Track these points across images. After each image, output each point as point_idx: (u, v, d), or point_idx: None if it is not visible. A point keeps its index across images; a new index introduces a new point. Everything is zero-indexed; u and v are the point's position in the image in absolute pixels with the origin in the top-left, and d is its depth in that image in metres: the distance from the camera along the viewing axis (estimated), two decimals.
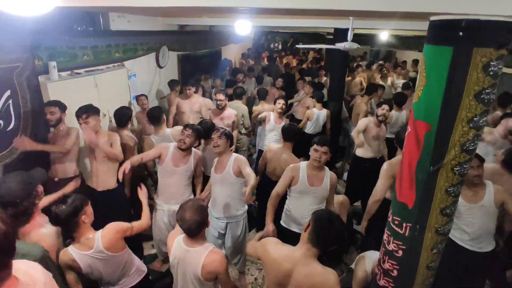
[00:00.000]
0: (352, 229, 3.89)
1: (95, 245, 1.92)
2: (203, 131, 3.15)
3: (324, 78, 6.70)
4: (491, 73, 1.34)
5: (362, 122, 3.94)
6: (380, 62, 8.48)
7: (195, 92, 4.92)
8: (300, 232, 2.55)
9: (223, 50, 8.44)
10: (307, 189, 2.67)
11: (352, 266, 2.52)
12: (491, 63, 1.33)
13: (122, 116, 3.42)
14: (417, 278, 1.77)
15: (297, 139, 3.36)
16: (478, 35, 1.31)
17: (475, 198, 2.43)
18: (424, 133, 1.51)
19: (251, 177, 2.49)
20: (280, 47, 10.79)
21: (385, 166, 2.88)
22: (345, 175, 5.29)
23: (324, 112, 4.92)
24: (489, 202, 2.41)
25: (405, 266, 1.77)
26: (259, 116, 4.36)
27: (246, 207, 3.03)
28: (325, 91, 5.74)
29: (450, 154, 1.48)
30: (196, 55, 6.63)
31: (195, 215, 1.88)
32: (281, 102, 4.16)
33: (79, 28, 3.90)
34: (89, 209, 1.98)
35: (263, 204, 3.37)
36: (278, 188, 2.68)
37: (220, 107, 4.25)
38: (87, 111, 2.91)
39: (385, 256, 1.86)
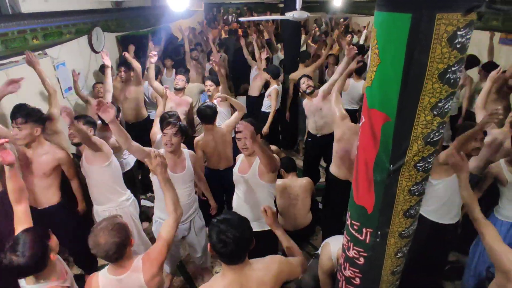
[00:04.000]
0: (318, 209, 3.73)
1: None
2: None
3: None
4: (457, 45, 1.05)
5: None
6: (322, 28, 8.21)
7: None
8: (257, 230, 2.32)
9: (172, 27, 7.70)
10: (238, 178, 2.41)
11: (319, 251, 2.40)
12: (458, 32, 1.03)
13: None
14: (381, 286, 1.56)
15: (213, 121, 3.04)
16: None
17: (448, 171, 2.26)
18: (380, 125, 1.22)
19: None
20: (235, 19, 10.12)
21: None
22: None
23: (280, 88, 4.58)
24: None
25: (368, 274, 1.54)
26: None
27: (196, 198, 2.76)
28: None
29: (413, 149, 1.21)
30: (139, 35, 5.92)
31: (112, 237, 1.53)
32: (207, 83, 3.78)
33: None
34: (53, 240, 1.63)
35: (215, 194, 3.06)
36: None
37: (177, 87, 3.79)
38: (27, 117, 2.32)
39: (346, 263, 1.63)
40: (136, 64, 4.01)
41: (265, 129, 4.25)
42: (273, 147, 4.03)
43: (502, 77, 3.19)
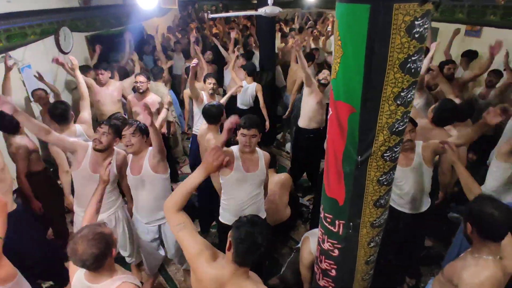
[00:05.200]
0: (299, 203, 3.76)
1: None
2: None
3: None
4: (416, 35, 1.06)
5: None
6: (310, 23, 8.23)
7: (111, 77, 4.22)
8: None
9: (146, 26, 7.50)
10: (244, 176, 2.37)
11: (299, 245, 2.42)
12: (416, 22, 1.04)
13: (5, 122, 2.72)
14: (356, 276, 1.58)
15: (219, 120, 2.97)
16: None
17: (406, 162, 2.30)
18: (346, 116, 1.22)
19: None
20: (209, 16, 9.93)
21: None
22: (288, 146, 5.10)
23: (253, 86, 4.55)
24: (419, 163, 2.32)
25: (343, 265, 1.56)
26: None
27: None
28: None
29: (379, 140, 1.22)
30: (110, 34, 5.74)
31: (90, 247, 1.46)
32: (211, 81, 3.69)
33: None
34: None
35: (202, 194, 3.03)
36: None
37: (140, 91, 3.66)
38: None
39: (321, 256, 1.64)
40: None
41: (267, 124, 4.23)
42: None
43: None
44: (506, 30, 3.87)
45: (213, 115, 2.85)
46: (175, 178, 4.16)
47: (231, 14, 5.62)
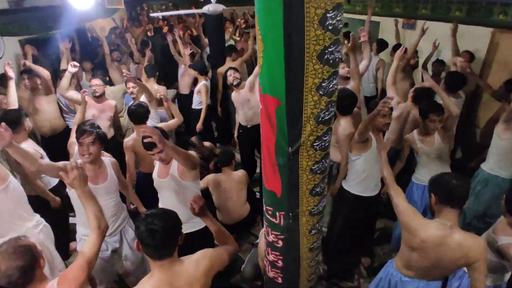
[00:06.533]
0: (256, 198, 3.79)
1: None
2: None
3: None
4: (330, 27, 1.10)
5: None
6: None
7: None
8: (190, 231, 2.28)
9: (89, 27, 7.09)
10: (160, 183, 2.33)
11: (258, 240, 2.41)
12: (328, 15, 1.08)
13: None
14: (302, 263, 1.62)
15: (145, 121, 2.93)
16: None
17: (365, 146, 2.42)
18: (274, 109, 1.25)
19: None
20: (161, 16, 9.66)
21: None
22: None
23: (209, 83, 4.52)
24: (374, 147, 2.43)
25: (288, 255, 1.59)
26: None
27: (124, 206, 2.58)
28: None
29: (307, 130, 1.26)
30: (47, 38, 5.35)
31: (14, 260, 1.36)
32: (131, 85, 3.59)
33: None
34: None
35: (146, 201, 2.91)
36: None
37: (96, 94, 3.47)
38: None
39: (268, 248, 1.66)
40: (42, 71, 3.60)
41: (199, 125, 4.17)
42: (207, 144, 3.98)
43: (405, 56, 3.55)
44: (436, 22, 4.19)
45: (140, 115, 2.85)
46: None
47: (171, 13, 5.49)
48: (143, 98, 3.52)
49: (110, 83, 4.76)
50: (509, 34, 3.50)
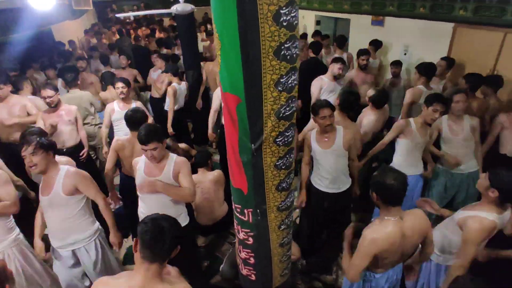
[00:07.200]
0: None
1: None
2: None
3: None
4: (284, 23, 1.12)
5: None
6: None
7: (16, 90, 3.74)
8: None
9: (55, 30, 6.82)
10: (144, 181, 2.28)
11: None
12: (281, 11, 1.09)
13: None
14: (273, 259, 1.63)
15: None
16: None
17: (327, 144, 2.46)
18: (235, 107, 1.25)
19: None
20: (132, 17, 9.45)
21: None
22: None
23: (184, 85, 4.46)
24: (338, 146, 2.49)
25: (259, 252, 1.60)
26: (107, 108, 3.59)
27: (96, 224, 2.45)
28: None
29: (268, 126, 1.27)
30: (10, 41, 5.12)
31: None
32: (119, 85, 3.47)
33: None
34: None
35: (130, 205, 2.81)
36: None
37: (52, 105, 3.30)
38: None
39: (239, 246, 1.66)
40: None
41: (169, 129, 4.10)
42: (182, 145, 3.92)
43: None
44: (403, 19, 4.34)
45: (137, 121, 2.66)
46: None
47: (139, 12, 5.39)
48: (140, 104, 3.43)
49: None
50: (469, 29, 3.67)
